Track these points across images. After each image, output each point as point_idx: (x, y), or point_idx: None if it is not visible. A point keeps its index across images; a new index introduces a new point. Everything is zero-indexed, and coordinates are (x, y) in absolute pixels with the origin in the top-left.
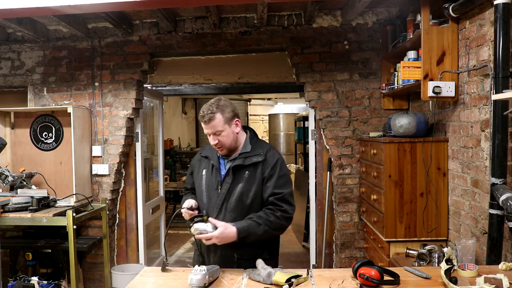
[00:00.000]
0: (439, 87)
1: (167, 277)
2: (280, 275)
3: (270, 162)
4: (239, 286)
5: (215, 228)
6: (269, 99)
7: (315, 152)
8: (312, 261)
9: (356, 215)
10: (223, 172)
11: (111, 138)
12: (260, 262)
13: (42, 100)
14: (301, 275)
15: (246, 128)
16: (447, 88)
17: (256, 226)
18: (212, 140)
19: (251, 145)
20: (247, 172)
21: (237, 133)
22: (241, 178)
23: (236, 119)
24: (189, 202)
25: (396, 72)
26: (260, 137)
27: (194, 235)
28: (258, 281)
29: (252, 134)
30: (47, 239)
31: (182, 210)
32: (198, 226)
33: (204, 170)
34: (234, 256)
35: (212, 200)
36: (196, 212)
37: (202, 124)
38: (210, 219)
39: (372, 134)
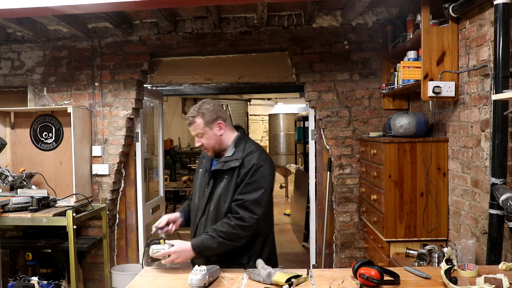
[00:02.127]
0: (439, 87)
1: (167, 277)
2: (280, 275)
3: (245, 167)
4: (239, 286)
5: (172, 246)
6: (269, 99)
7: (315, 152)
8: (312, 261)
9: (356, 215)
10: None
11: (111, 138)
12: (260, 262)
13: (42, 100)
14: (301, 275)
15: (237, 128)
16: (447, 88)
17: (210, 239)
18: (196, 142)
19: (235, 148)
20: (226, 176)
21: (221, 136)
22: (221, 182)
23: (219, 121)
24: (163, 218)
25: (396, 72)
26: (260, 137)
27: (151, 257)
28: (258, 281)
29: (239, 136)
30: (47, 239)
31: (153, 226)
32: (154, 247)
33: (200, 170)
34: (211, 259)
35: (200, 201)
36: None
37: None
38: (166, 241)
39: (372, 134)
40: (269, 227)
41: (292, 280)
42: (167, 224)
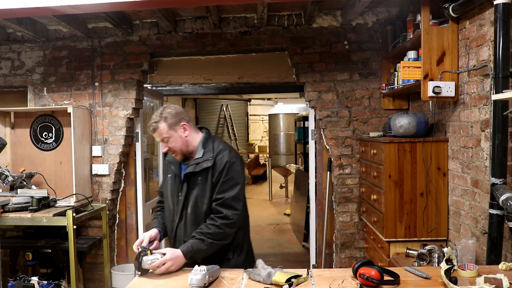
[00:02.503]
0: (439, 87)
1: (167, 277)
2: (280, 275)
3: (218, 166)
4: (239, 286)
5: (163, 255)
6: (269, 99)
7: (315, 152)
8: (312, 261)
9: (356, 215)
10: (182, 178)
11: (111, 138)
12: (260, 262)
13: (42, 100)
14: (301, 275)
15: (201, 129)
16: (447, 88)
17: (200, 242)
18: (163, 147)
19: (203, 149)
20: (199, 178)
21: (186, 137)
22: (195, 184)
23: (183, 123)
24: (143, 236)
25: (396, 72)
26: (260, 137)
27: (143, 269)
28: (258, 281)
29: (205, 137)
30: (47, 239)
31: (135, 244)
32: (147, 258)
33: (169, 175)
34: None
35: (175, 206)
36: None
37: (151, 133)
38: (154, 251)
39: (372, 134)
40: (246, 220)
41: (292, 280)
42: (150, 242)
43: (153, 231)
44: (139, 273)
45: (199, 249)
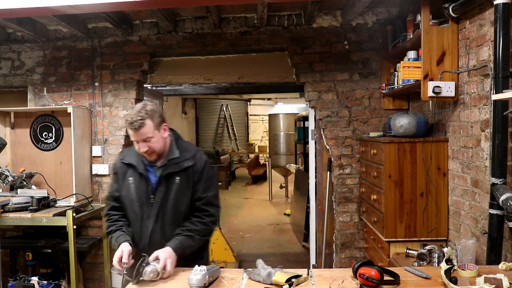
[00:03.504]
0: (439, 87)
1: (167, 277)
2: (280, 275)
3: (198, 165)
4: (239, 286)
5: (157, 259)
6: (269, 99)
7: (315, 152)
8: (312, 261)
9: (356, 215)
10: (153, 180)
11: (111, 138)
12: (260, 262)
13: (42, 100)
14: (301, 275)
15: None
16: (447, 88)
17: (188, 239)
18: (142, 147)
19: (178, 149)
20: (177, 178)
21: (165, 138)
22: (173, 185)
23: (164, 123)
24: (122, 251)
25: (396, 72)
26: (260, 137)
27: (139, 281)
28: (258, 281)
29: (176, 137)
30: (47, 239)
31: (114, 263)
32: (151, 269)
33: (130, 178)
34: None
35: (145, 210)
36: (130, 260)
37: (130, 131)
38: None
39: (372, 134)
40: None
41: (292, 280)
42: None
43: (127, 246)
44: (134, 281)
45: (188, 245)
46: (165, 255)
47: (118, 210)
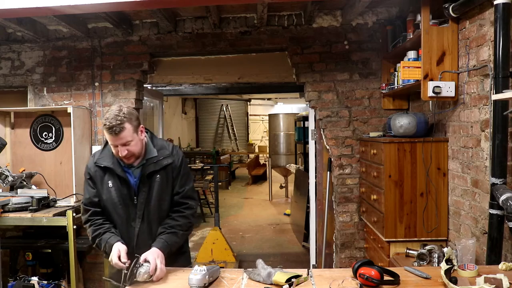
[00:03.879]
0: (439, 87)
1: (167, 277)
2: (280, 275)
3: (176, 162)
4: (239, 286)
5: (146, 262)
6: (269, 99)
7: (315, 152)
8: (312, 261)
9: (356, 215)
10: (133, 181)
11: None
12: (260, 262)
13: (42, 100)
14: (301, 275)
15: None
16: (447, 88)
17: (173, 235)
18: (121, 152)
19: (155, 148)
20: (158, 176)
21: (142, 140)
22: (154, 183)
23: (141, 125)
24: (119, 250)
25: (396, 72)
26: (260, 137)
27: (133, 282)
28: (258, 281)
29: (151, 135)
30: (47, 239)
31: (115, 262)
32: (144, 270)
33: (109, 182)
34: None
35: (130, 212)
36: (126, 260)
37: (109, 136)
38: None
39: (372, 134)
40: None
41: (292, 280)
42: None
43: (122, 245)
44: (128, 283)
45: (173, 242)
46: (153, 255)
47: (100, 215)
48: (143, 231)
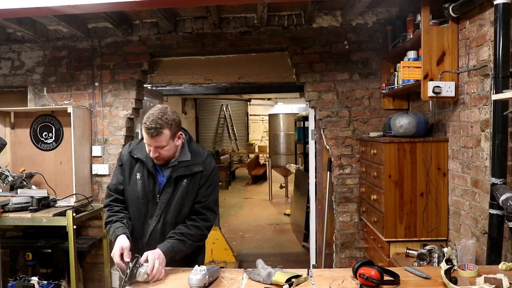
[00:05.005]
0: (439, 87)
1: (166, 277)
2: (280, 275)
3: (207, 171)
4: (239, 286)
5: (147, 261)
6: (269, 99)
7: (315, 152)
8: (312, 261)
9: (356, 215)
10: (160, 179)
11: (111, 138)
12: (260, 262)
13: (42, 100)
14: (301, 275)
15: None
16: (447, 88)
17: (180, 243)
18: (152, 153)
19: (190, 152)
20: (185, 180)
21: (178, 145)
22: (180, 187)
23: (180, 132)
24: (121, 248)
25: (396, 72)
26: (260, 137)
27: (133, 283)
28: (258, 281)
29: (188, 139)
30: (47, 239)
31: (116, 262)
32: (144, 270)
33: (138, 174)
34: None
35: (149, 207)
36: (129, 258)
37: (145, 135)
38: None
39: (372, 134)
40: None
41: (292, 280)
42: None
43: (126, 240)
44: (128, 282)
45: (178, 250)
46: (154, 256)
47: (120, 202)
48: (156, 230)
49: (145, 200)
